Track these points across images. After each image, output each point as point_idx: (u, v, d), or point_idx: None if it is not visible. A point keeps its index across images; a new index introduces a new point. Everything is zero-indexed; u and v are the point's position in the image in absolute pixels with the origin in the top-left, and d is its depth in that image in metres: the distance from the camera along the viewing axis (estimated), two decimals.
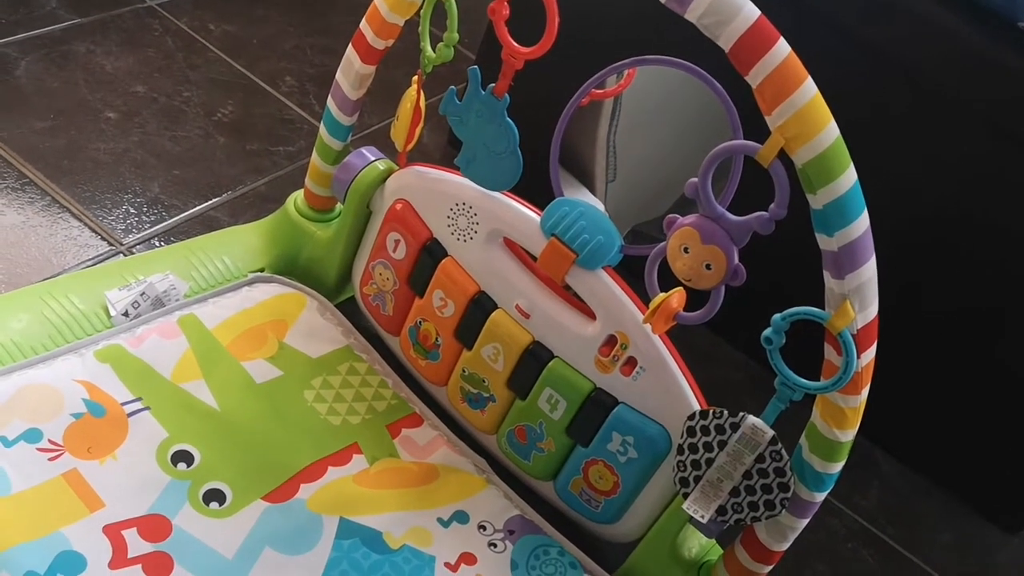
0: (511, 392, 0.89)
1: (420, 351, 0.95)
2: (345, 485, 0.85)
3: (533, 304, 0.86)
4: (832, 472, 0.74)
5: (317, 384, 0.93)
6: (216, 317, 0.93)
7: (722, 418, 0.76)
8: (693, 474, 0.77)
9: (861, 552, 1.05)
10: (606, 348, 0.83)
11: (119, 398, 0.83)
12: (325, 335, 0.97)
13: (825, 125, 0.63)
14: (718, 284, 0.73)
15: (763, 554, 0.80)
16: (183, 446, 0.82)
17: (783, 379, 0.72)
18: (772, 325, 0.70)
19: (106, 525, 0.75)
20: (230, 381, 0.89)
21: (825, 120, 0.63)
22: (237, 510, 0.80)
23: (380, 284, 0.97)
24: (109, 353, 0.86)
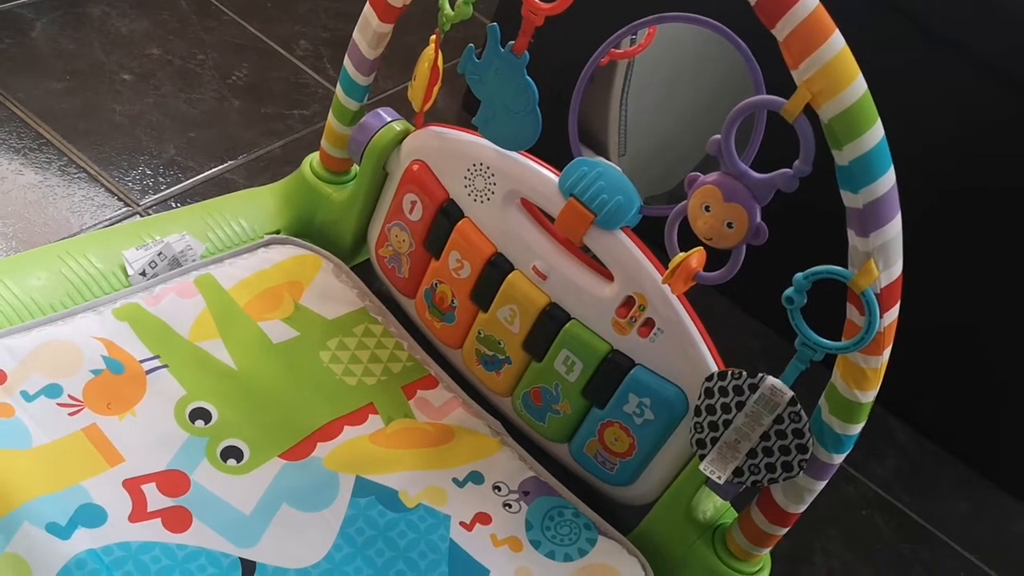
0: (527, 354, 0.89)
1: (436, 313, 0.95)
2: (361, 444, 0.85)
3: (550, 265, 0.85)
4: (851, 434, 0.74)
5: (333, 345, 0.92)
6: (233, 277, 0.93)
7: (741, 379, 0.75)
8: (710, 435, 0.77)
9: (875, 519, 1.05)
10: (623, 310, 0.82)
11: (137, 355, 0.83)
12: (341, 297, 0.97)
13: (853, 80, 0.62)
14: (740, 243, 0.72)
15: (779, 516, 0.79)
16: (201, 404, 0.82)
17: (804, 339, 0.71)
18: (794, 284, 0.69)
19: (126, 479, 0.75)
20: (247, 341, 0.89)
21: (853, 74, 0.62)
22: (254, 467, 0.80)
23: (396, 246, 0.96)
24: (127, 311, 0.86)
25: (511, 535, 0.83)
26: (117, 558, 0.70)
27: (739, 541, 0.83)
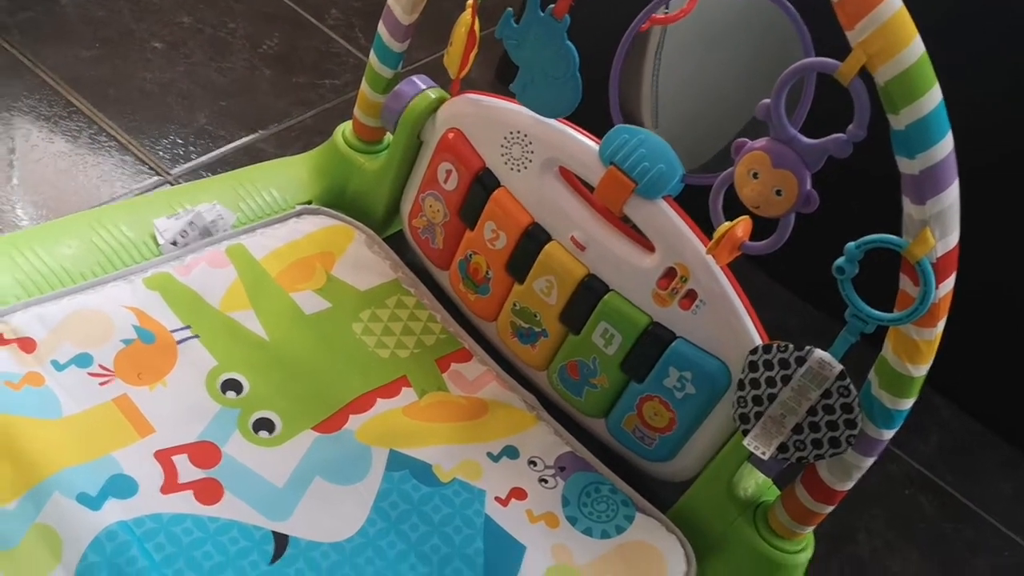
0: (564, 327, 0.86)
1: (470, 285, 0.93)
2: (394, 417, 0.84)
3: (589, 236, 0.83)
4: (902, 408, 0.71)
5: (365, 317, 0.91)
6: (264, 248, 0.91)
7: (787, 352, 0.73)
8: (754, 410, 0.75)
9: (918, 498, 1.03)
10: (665, 281, 0.80)
11: (168, 325, 0.82)
12: (373, 268, 0.95)
13: (910, 40, 0.59)
14: (788, 211, 0.69)
15: (825, 493, 0.77)
16: (232, 375, 0.81)
17: (855, 311, 0.69)
18: (845, 254, 0.67)
19: (157, 450, 0.74)
20: (279, 312, 0.87)
21: (910, 35, 0.59)
22: (287, 439, 0.79)
23: (430, 216, 0.94)
24: (158, 281, 0.85)
25: (547, 511, 0.81)
26: (148, 530, 0.69)
27: (782, 519, 0.80)
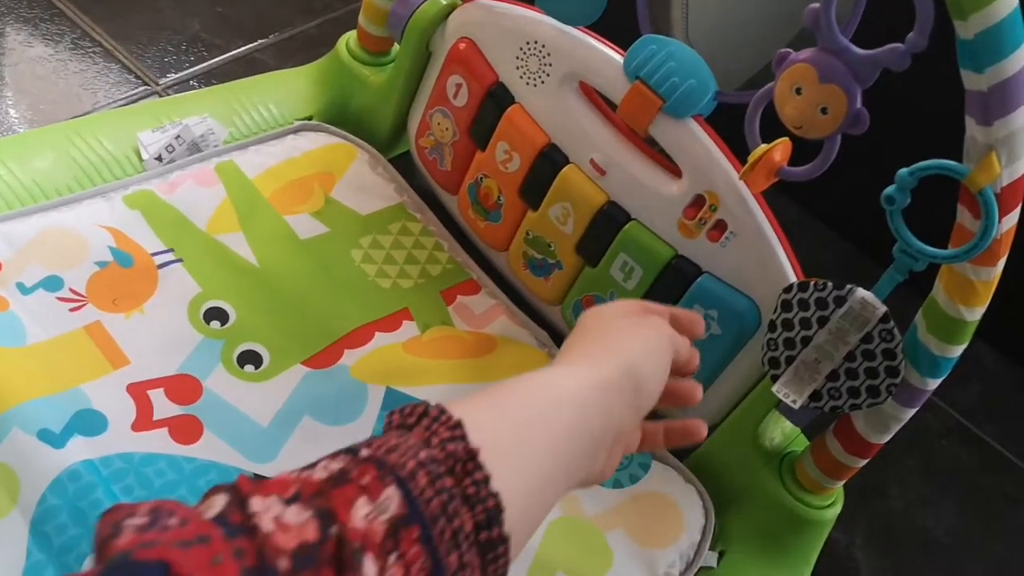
0: (580, 258, 0.81)
1: (480, 211, 0.86)
2: (393, 353, 0.78)
3: (610, 158, 0.77)
4: (951, 356, 0.66)
5: (366, 243, 0.85)
6: (258, 166, 0.85)
7: (825, 291, 0.67)
8: (785, 354, 0.69)
9: (955, 449, 0.97)
10: (692, 210, 0.74)
11: (149, 248, 0.77)
12: (376, 191, 0.89)
13: None
14: (834, 132, 0.63)
15: (859, 446, 0.72)
16: (217, 303, 0.76)
17: (904, 245, 0.63)
18: (897, 181, 0.61)
19: (130, 384, 0.69)
20: (271, 235, 0.82)
21: None
22: (274, 374, 0.74)
23: (438, 135, 0.87)
24: (139, 199, 0.79)
25: None
26: (117, 470, 0.64)
27: (810, 472, 0.75)
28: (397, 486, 0.36)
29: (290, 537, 0.33)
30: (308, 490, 0.35)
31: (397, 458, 0.37)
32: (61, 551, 0.59)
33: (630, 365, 0.50)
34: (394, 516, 0.35)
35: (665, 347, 0.54)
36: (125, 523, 0.33)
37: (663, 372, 0.53)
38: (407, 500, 0.36)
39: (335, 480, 0.36)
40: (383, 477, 0.36)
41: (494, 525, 0.38)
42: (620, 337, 0.52)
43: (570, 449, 0.45)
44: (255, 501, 0.34)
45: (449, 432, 0.39)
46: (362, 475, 0.36)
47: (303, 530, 0.33)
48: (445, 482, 0.37)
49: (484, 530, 0.38)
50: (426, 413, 0.40)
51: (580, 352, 0.52)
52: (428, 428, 0.39)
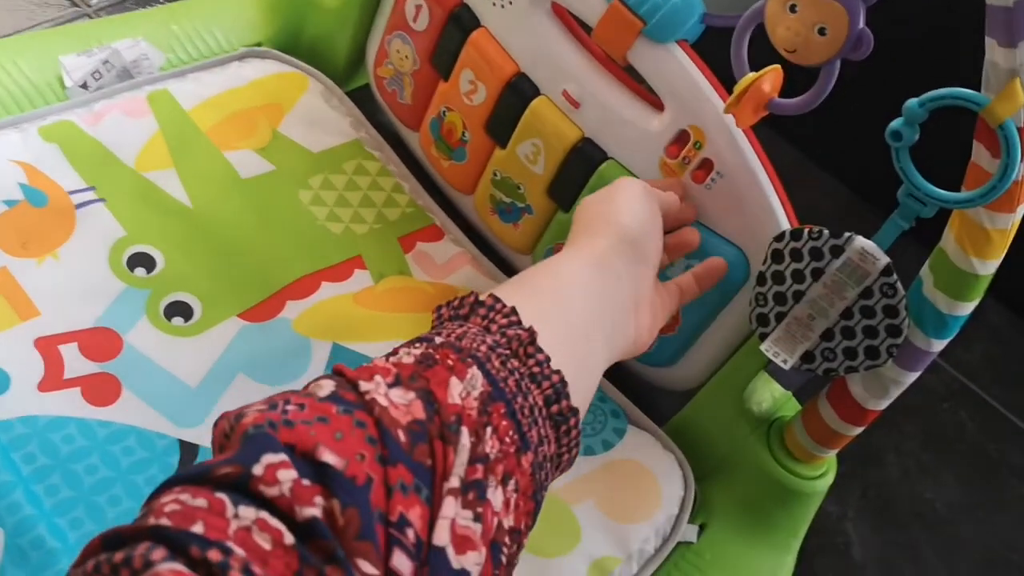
0: (552, 201, 0.75)
1: (443, 149, 0.79)
2: (342, 304, 0.72)
3: (585, 90, 0.70)
4: (960, 314, 0.59)
5: (316, 184, 0.78)
6: (195, 96, 0.78)
7: (820, 239, 0.60)
8: (775, 310, 0.63)
9: (959, 413, 0.92)
10: (675, 147, 0.67)
11: (66, 185, 0.70)
12: (330, 125, 0.82)
13: None
14: (833, 57, 0.56)
15: (854, 412, 0.66)
16: (143, 248, 0.69)
17: (911, 188, 0.56)
18: (904, 113, 0.54)
19: (39, 338, 0.63)
20: (207, 173, 0.75)
21: None
22: (206, 328, 0.67)
23: (397, 64, 0.80)
24: (58, 130, 0.72)
25: None
26: (18, 435, 0.57)
27: (801, 439, 0.69)
28: (478, 367, 0.39)
29: (401, 413, 0.36)
30: (405, 372, 0.39)
31: (469, 343, 0.41)
32: None
33: (618, 229, 0.54)
34: (483, 393, 0.39)
35: (643, 200, 0.57)
36: (246, 410, 0.36)
37: (652, 223, 0.57)
38: (489, 379, 0.39)
39: (423, 363, 0.39)
40: (464, 359, 0.39)
41: (562, 398, 0.42)
42: (600, 213, 0.56)
43: (598, 320, 0.49)
44: (363, 383, 0.37)
45: (506, 319, 0.43)
46: (445, 358, 0.39)
47: (411, 408, 0.37)
48: (513, 363, 0.41)
49: (554, 403, 0.42)
50: (479, 303, 0.44)
51: (575, 239, 0.55)
52: (485, 316, 0.43)
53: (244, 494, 0.31)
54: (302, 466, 0.32)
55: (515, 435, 0.39)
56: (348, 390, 0.37)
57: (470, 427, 0.37)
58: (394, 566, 0.32)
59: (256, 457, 0.32)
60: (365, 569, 0.31)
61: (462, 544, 0.35)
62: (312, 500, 0.32)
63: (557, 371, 0.42)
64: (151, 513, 0.31)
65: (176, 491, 0.31)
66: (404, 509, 0.34)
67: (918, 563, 0.80)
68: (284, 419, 0.34)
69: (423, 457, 0.35)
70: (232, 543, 0.29)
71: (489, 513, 0.37)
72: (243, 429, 0.34)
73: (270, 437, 0.33)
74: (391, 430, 0.35)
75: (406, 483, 0.34)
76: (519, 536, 0.40)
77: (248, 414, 0.35)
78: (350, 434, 0.34)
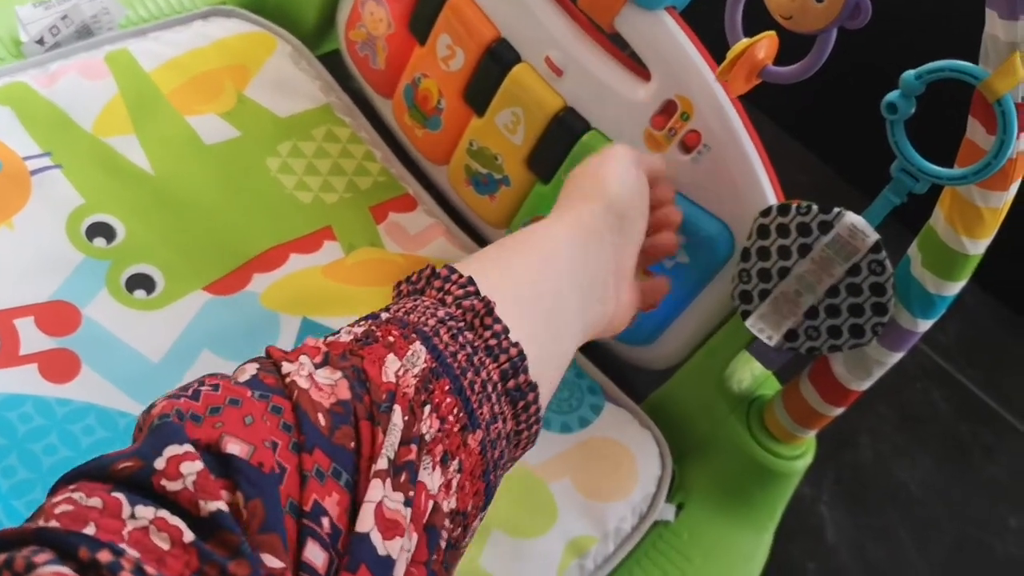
0: (531, 173, 0.72)
1: (417, 116, 0.76)
2: (311, 277, 0.69)
3: (568, 57, 0.67)
4: (947, 294, 0.58)
5: (284, 151, 0.75)
6: (157, 56, 0.75)
7: (809, 215, 0.58)
8: (759, 287, 0.61)
9: (932, 395, 0.91)
10: (661, 118, 0.65)
11: (21, 151, 0.67)
12: (299, 89, 0.79)
13: None
14: (830, 24, 0.54)
15: (836, 392, 0.64)
16: (103, 217, 0.66)
17: (904, 162, 0.55)
18: (901, 85, 0.52)
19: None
20: (170, 139, 0.72)
21: None
22: (169, 301, 0.65)
23: (370, 27, 0.77)
24: (11, 92, 0.69)
25: None
26: None
27: (781, 419, 0.68)
28: (422, 342, 0.37)
29: (325, 395, 0.34)
30: (336, 351, 0.36)
31: (417, 318, 0.39)
32: None
33: (606, 197, 0.52)
34: (424, 369, 0.36)
35: (635, 172, 0.56)
36: (159, 398, 0.34)
37: (641, 196, 0.55)
38: (434, 354, 0.37)
39: (362, 341, 0.37)
40: (407, 335, 0.37)
41: (520, 372, 0.40)
42: (588, 179, 0.54)
43: (574, 289, 0.47)
44: (286, 365, 0.35)
45: (462, 290, 0.41)
46: (387, 334, 0.37)
47: (336, 388, 0.35)
48: (466, 336, 0.39)
49: (511, 378, 0.40)
50: (435, 275, 0.42)
51: (561, 205, 0.53)
52: (440, 288, 0.41)
53: (144, 491, 0.30)
54: (209, 458, 0.31)
55: (461, 413, 0.37)
56: (270, 373, 0.35)
57: (404, 406, 0.35)
58: (307, 558, 0.30)
59: (159, 449, 0.30)
60: (270, 563, 0.29)
61: (389, 528, 0.33)
62: (218, 493, 0.30)
63: (515, 344, 0.40)
64: (41, 514, 0.29)
65: (71, 489, 0.29)
66: (319, 497, 0.32)
67: (892, 544, 0.80)
68: (191, 411, 0.32)
69: (344, 440, 0.33)
70: (125, 544, 0.28)
71: (423, 495, 0.35)
72: (151, 419, 0.32)
73: (176, 427, 0.31)
74: (309, 414, 0.33)
75: (323, 469, 0.32)
76: (465, 518, 0.38)
77: (158, 403, 0.33)
78: (262, 420, 0.32)
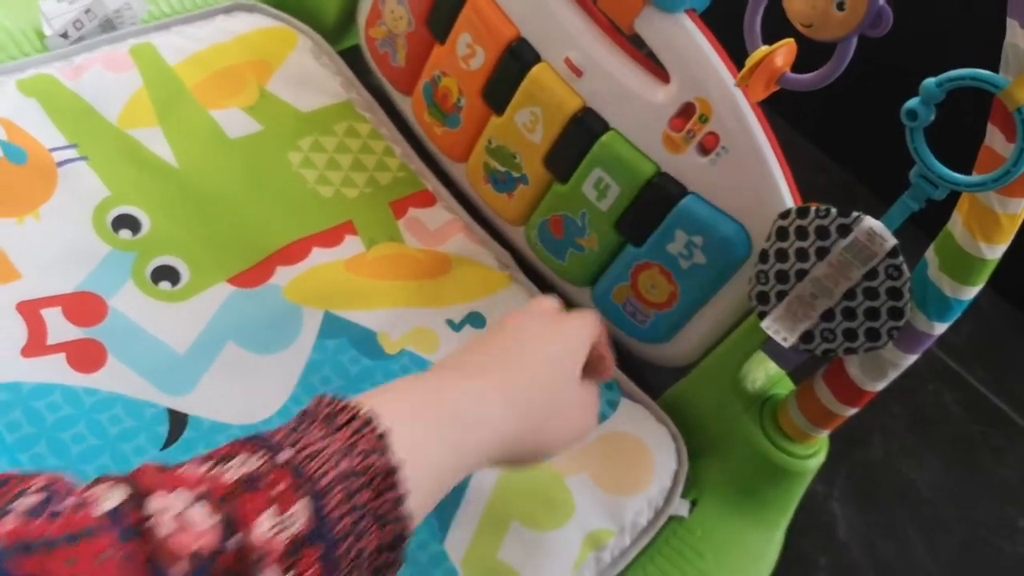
0: (549, 172, 0.72)
1: (437, 114, 0.76)
2: (334, 271, 0.70)
3: (588, 57, 0.67)
4: (964, 298, 0.59)
5: (306, 145, 0.75)
6: (181, 50, 0.75)
7: (827, 218, 0.59)
8: (777, 288, 0.61)
9: (944, 396, 0.91)
10: (680, 120, 0.65)
11: (47, 142, 0.67)
12: (320, 84, 0.79)
13: None
14: (850, 33, 0.53)
15: (850, 393, 0.64)
16: (128, 209, 0.66)
17: (924, 168, 0.55)
18: (921, 93, 0.52)
19: (21, 302, 0.60)
20: (194, 132, 0.72)
21: None
22: (194, 293, 0.65)
23: (390, 25, 0.77)
24: (38, 84, 0.69)
25: None
26: (1, 403, 0.55)
27: (795, 418, 0.68)
28: (310, 499, 0.35)
29: (190, 539, 0.32)
30: (217, 492, 0.34)
31: (316, 467, 0.36)
32: None
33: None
34: (298, 533, 0.35)
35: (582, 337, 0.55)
36: (13, 505, 0.31)
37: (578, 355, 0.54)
38: (316, 517, 0.35)
39: (246, 484, 0.35)
40: (296, 488, 0.35)
41: (397, 548, 0.38)
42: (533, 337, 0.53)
43: (485, 458, 0.46)
44: (155, 500, 0.33)
45: (372, 445, 0.38)
46: (275, 483, 0.35)
47: (204, 535, 0.33)
48: (361, 497, 0.37)
49: (387, 552, 0.38)
50: (356, 417, 0.39)
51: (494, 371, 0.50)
52: (355, 433, 0.39)
53: None
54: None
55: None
56: (134, 507, 0.33)
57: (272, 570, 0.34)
58: None
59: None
60: None
61: None
62: None
63: (408, 516, 0.38)
64: None
65: None
66: None
67: (901, 543, 0.80)
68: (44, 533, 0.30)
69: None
70: None
71: None
72: None
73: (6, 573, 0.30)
74: (165, 567, 0.31)
75: None
76: None
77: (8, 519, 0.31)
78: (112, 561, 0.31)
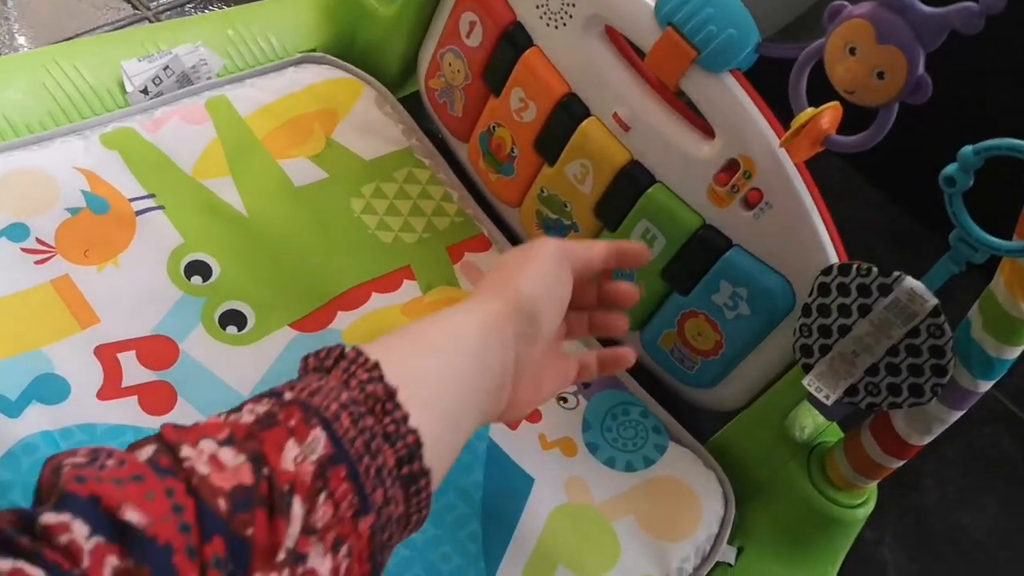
0: (598, 221, 0.74)
1: (492, 162, 0.79)
2: (391, 315, 0.72)
3: (635, 113, 0.69)
4: (1007, 357, 0.59)
5: (368, 192, 0.78)
6: (253, 102, 0.78)
7: (869, 276, 0.59)
8: (819, 342, 0.62)
9: (1001, 438, 0.90)
10: (724, 175, 0.66)
11: (127, 193, 0.70)
12: (383, 132, 0.82)
13: None
14: (891, 100, 0.55)
15: (897, 446, 0.65)
16: (200, 256, 0.70)
17: (963, 232, 0.55)
18: (959, 160, 0.53)
19: (99, 345, 0.63)
20: (263, 181, 0.75)
21: None
22: (259, 337, 0.68)
23: (449, 77, 0.80)
24: (119, 137, 0.72)
25: (564, 436, 0.70)
26: (78, 443, 0.58)
27: (842, 468, 0.69)
28: (322, 428, 0.37)
29: (226, 477, 0.34)
30: (240, 433, 0.36)
31: (320, 400, 0.38)
32: None
33: (518, 296, 0.51)
34: (322, 456, 0.37)
35: (552, 266, 0.54)
36: (65, 462, 0.34)
37: (555, 295, 0.53)
38: (333, 440, 0.37)
39: (263, 423, 0.37)
40: (308, 419, 0.37)
41: (415, 459, 0.40)
42: (508, 273, 0.53)
43: (474, 385, 0.47)
44: (185, 448, 0.35)
45: (367, 374, 0.41)
46: (289, 417, 0.37)
47: (238, 472, 0.35)
48: (367, 421, 0.39)
49: (406, 464, 0.40)
50: (343, 355, 0.42)
51: (477, 294, 0.53)
52: (346, 370, 0.41)
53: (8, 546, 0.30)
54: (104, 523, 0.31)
55: (355, 498, 0.37)
56: (165, 454, 0.35)
57: (303, 495, 0.35)
58: None
59: None
60: None
61: None
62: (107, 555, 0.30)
63: (414, 430, 0.40)
64: None
65: None
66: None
67: None
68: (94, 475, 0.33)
69: (241, 528, 0.34)
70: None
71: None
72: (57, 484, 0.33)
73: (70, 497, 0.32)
74: (210, 501, 0.33)
75: (220, 556, 0.33)
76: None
77: (63, 471, 0.33)
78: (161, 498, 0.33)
